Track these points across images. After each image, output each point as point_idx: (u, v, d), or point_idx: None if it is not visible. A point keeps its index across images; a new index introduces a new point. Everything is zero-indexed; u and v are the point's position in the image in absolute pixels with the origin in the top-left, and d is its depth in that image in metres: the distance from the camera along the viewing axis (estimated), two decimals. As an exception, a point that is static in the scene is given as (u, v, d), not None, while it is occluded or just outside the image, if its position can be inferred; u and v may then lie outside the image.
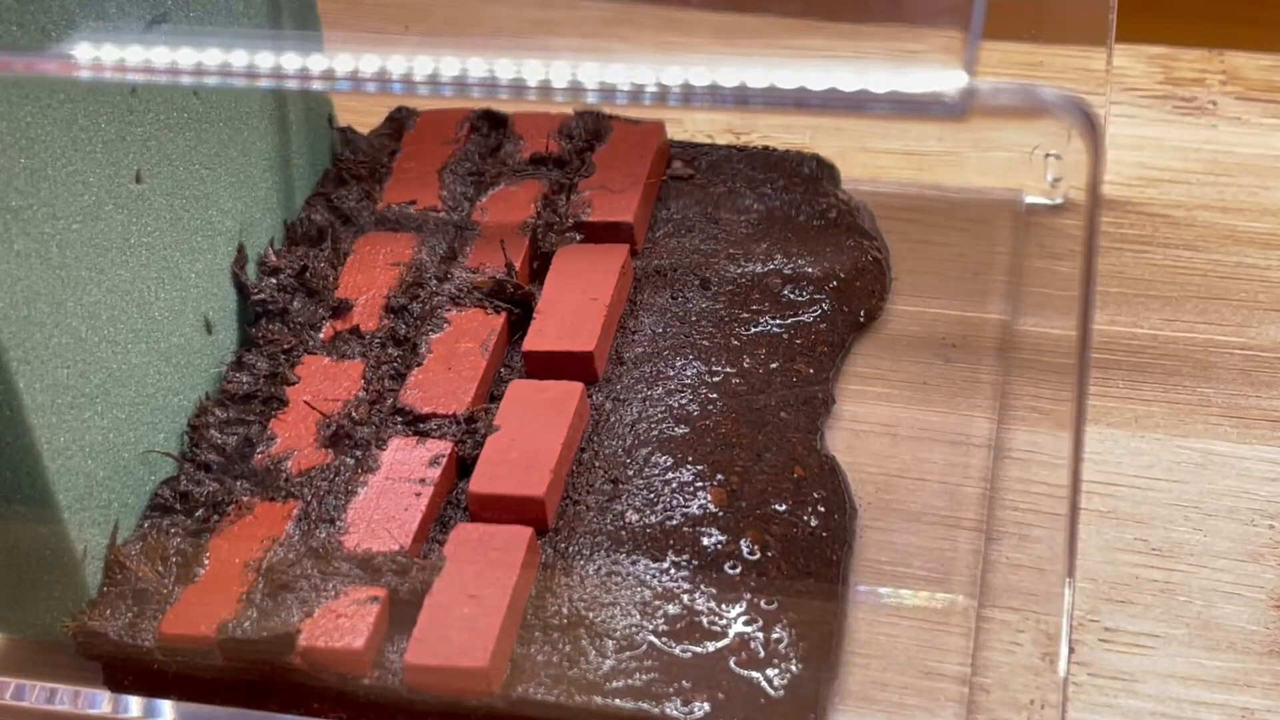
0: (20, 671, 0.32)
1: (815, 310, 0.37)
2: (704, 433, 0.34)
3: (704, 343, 0.36)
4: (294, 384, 0.35)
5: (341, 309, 0.37)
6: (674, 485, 0.32)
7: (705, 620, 0.30)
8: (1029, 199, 0.41)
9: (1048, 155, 0.41)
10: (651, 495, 0.32)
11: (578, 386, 0.34)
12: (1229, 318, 0.38)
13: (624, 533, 0.31)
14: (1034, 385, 0.36)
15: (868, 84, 0.19)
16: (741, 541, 0.31)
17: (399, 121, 0.43)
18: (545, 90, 0.20)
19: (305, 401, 0.34)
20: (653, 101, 0.20)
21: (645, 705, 0.28)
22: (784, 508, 0.32)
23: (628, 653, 0.29)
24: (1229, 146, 0.44)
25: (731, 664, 0.29)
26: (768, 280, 0.37)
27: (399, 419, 0.34)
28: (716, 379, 0.35)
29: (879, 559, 0.32)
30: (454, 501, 0.33)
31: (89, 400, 0.30)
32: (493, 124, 0.42)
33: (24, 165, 0.28)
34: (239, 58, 0.21)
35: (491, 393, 0.35)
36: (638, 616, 0.30)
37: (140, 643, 0.30)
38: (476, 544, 0.31)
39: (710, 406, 0.34)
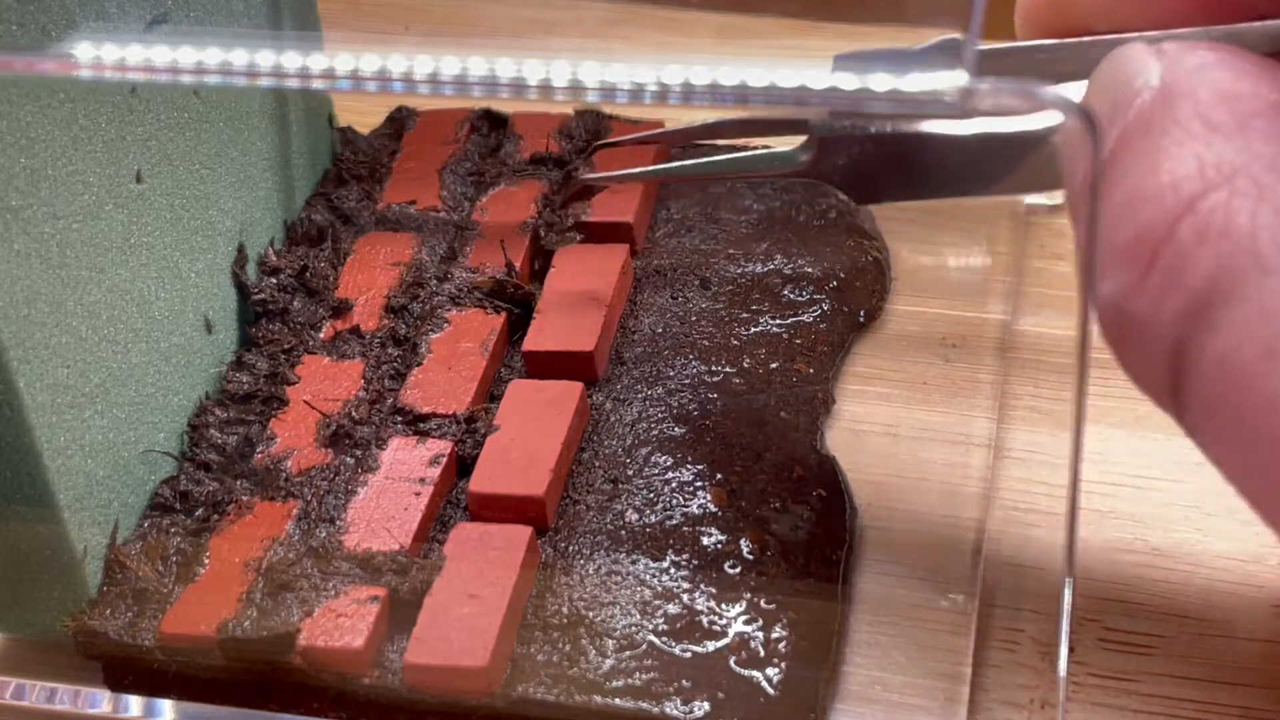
0: (20, 671, 0.32)
1: (815, 310, 0.37)
2: (704, 432, 0.34)
3: (704, 343, 0.36)
4: (294, 384, 0.35)
5: (341, 309, 0.37)
6: (674, 485, 0.32)
7: (705, 620, 0.30)
8: (1029, 199, 0.41)
9: (1048, 155, 0.41)
10: (651, 495, 0.32)
11: (578, 386, 0.34)
12: (1229, 318, 0.38)
13: (624, 532, 0.31)
14: (1034, 385, 0.36)
15: (868, 83, 0.19)
16: (741, 541, 0.31)
17: (399, 121, 0.43)
18: (545, 89, 0.20)
19: (305, 401, 0.34)
20: (653, 100, 0.20)
21: (645, 704, 0.28)
22: (784, 508, 0.32)
23: (627, 652, 0.29)
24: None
25: (731, 663, 0.29)
26: (768, 280, 0.37)
27: (399, 419, 0.34)
28: (716, 379, 0.35)
29: (879, 559, 0.32)
30: (454, 501, 0.33)
31: (89, 400, 0.31)
32: (493, 124, 0.42)
33: (24, 165, 0.28)
34: (239, 57, 0.21)
35: (491, 392, 0.35)
36: (637, 616, 0.30)
37: (140, 642, 0.30)
38: (476, 543, 0.31)
39: (710, 406, 0.34)
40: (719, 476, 0.32)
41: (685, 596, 0.30)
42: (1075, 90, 0.25)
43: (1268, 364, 0.20)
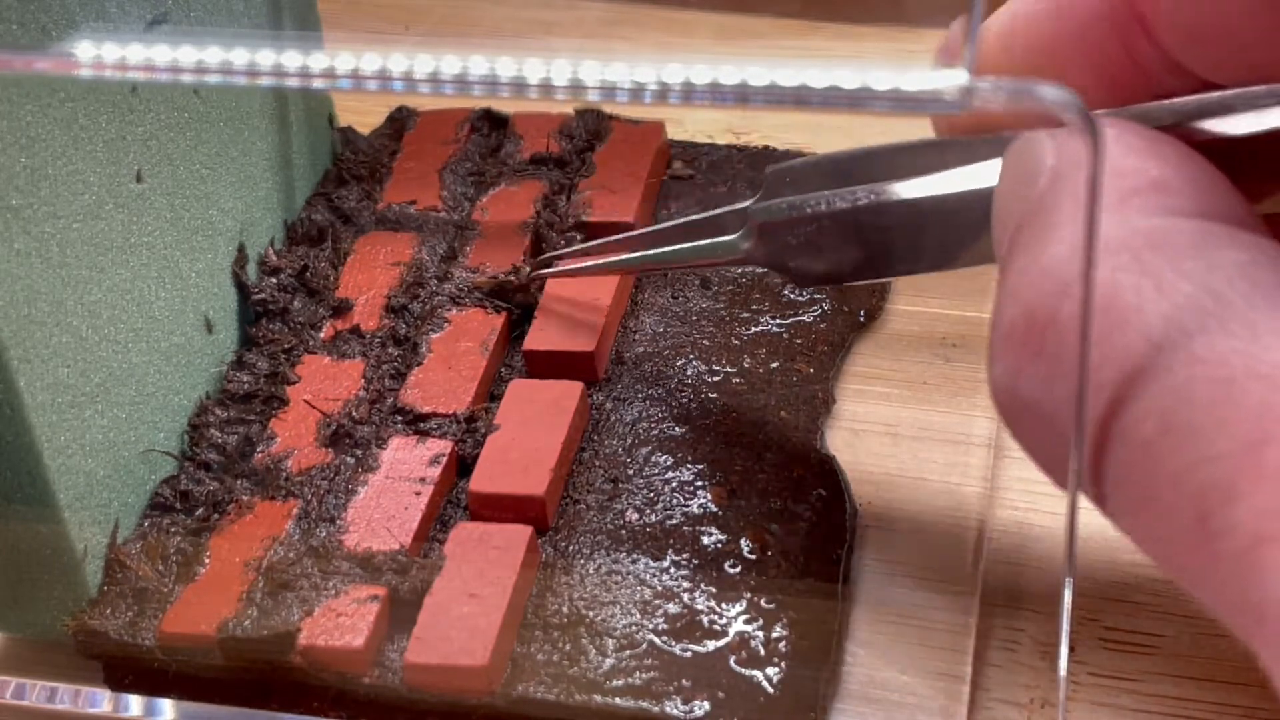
0: (20, 670, 0.32)
1: (815, 310, 0.37)
2: (704, 432, 0.34)
3: (704, 342, 0.36)
4: (294, 383, 0.35)
5: (342, 308, 0.37)
6: (674, 484, 0.32)
7: (705, 619, 0.30)
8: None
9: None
10: (651, 494, 0.32)
11: (578, 386, 0.34)
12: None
13: (624, 532, 0.31)
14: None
15: (868, 81, 0.19)
16: (741, 541, 0.31)
17: (399, 121, 0.43)
18: (545, 89, 0.20)
19: (305, 401, 0.34)
20: (653, 99, 0.20)
21: (645, 704, 0.28)
22: (784, 507, 0.32)
23: (628, 651, 0.29)
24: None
25: (731, 663, 0.29)
26: (768, 280, 0.37)
27: (399, 418, 0.34)
28: (717, 378, 0.35)
29: (879, 559, 0.32)
30: (454, 500, 0.33)
31: (89, 399, 0.31)
32: (493, 124, 0.42)
33: (24, 164, 0.28)
34: (239, 56, 0.21)
35: (492, 392, 0.35)
36: (638, 615, 0.30)
37: (140, 642, 0.30)
38: (476, 543, 0.31)
39: (710, 406, 0.34)
40: (719, 476, 0.32)
41: (685, 596, 0.30)
42: (995, 171, 0.25)
43: (1167, 437, 0.20)
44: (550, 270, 0.37)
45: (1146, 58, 0.24)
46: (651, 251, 0.35)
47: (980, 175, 0.28)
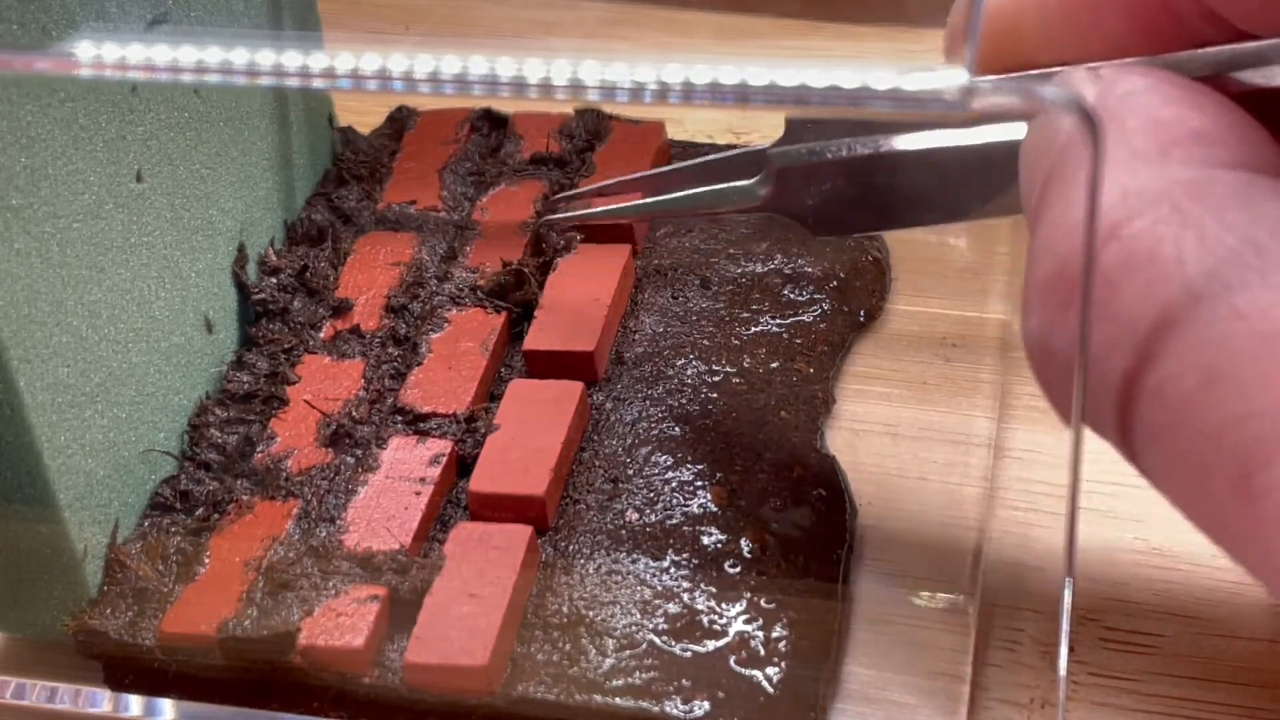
0: (20, 670, 0.32)
1: (815, 310, 0.37)
2: (704, 432, 0.34)
3: (704, 342, 0.36)
4: (294, 383, 0.35)
5: (342, 308, 0.37)
6: (674, 484, 0.32)
7: (705, 619, 0.30)
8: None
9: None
10: (651, 494, 0.32)
11: (578, 386, 0.34)
12: (1229, 318, 0.38)
13: (624, 532, 0.32)
14: (1034, 385, 0.36)
15: (868, 82, 0.19)
16: (741, 540, 0.31)
17: (399, 121, 0.43)
18: (545, 89, 0.20)
19: (305, 401, 0.34)
20: (653, 99, 0.20)
21: (645, 704, 0.28)
22: (784, 507, 0.32)
23: (628, 651, 0.29)
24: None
25: (731, 663, 0.29)
26: (768, 280, 0.37)
27: (399, 418, 0.34)
28: (716, 378, 0.35)
29: (879, 559, 0.32)
30: (454, 500, 0.33)
31: (89, 399, 0.31)
32: (493, 124, 0.42)
33: (24, 164, 0.28)
34: (239, 56, 0.21)
35: (492, 392, 0.35)
36: (638, 615, 0.30)
37: (140, 641, 0.30)
38: (476, 543, 0.31)
39: (710, 406, 0.34)
40: (719, 476, 0.32)
41: (685, 596, 0.30)
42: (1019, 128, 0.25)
43: (1208, 392, 0.19)
44: (561, 215, 0.36)
45: (1182, 6, 0.24)
46: (665, 197, 0.34)
47: (1004, 128, 0.28)
